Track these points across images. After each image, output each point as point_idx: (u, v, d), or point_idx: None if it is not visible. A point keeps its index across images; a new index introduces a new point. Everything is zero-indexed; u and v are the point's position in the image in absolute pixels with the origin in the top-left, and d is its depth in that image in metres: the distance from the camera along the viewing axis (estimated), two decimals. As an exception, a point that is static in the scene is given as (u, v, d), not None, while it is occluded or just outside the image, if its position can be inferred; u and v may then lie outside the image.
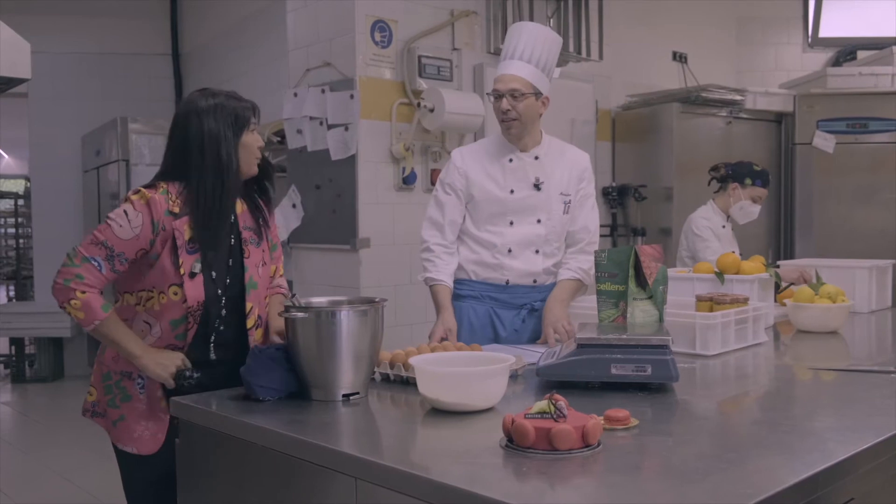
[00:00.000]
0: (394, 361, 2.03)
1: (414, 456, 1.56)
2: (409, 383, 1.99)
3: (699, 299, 2.60)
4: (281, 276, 2.37)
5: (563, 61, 4.94)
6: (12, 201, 8.85)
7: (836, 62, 6.45)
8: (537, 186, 2.74)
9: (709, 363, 2.32)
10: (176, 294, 2.06)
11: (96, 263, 2.02)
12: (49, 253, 7.59)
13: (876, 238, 5.14)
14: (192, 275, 2.07)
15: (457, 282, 2.77)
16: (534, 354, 2.26)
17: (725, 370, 2.30)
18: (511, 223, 2.74)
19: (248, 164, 2.16)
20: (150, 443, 2.10)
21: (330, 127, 4.13)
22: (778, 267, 3.30)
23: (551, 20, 4.86)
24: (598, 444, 1.46)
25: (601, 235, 5.26)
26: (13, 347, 7.57)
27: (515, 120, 2.66)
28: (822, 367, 2.36)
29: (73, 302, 2.02)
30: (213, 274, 2.11)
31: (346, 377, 1.83)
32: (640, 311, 2.25)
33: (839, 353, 2.68)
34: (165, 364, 2.04)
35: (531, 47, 2.66)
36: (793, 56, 6.62)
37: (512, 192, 2.73)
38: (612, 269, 2.29)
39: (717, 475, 1.33)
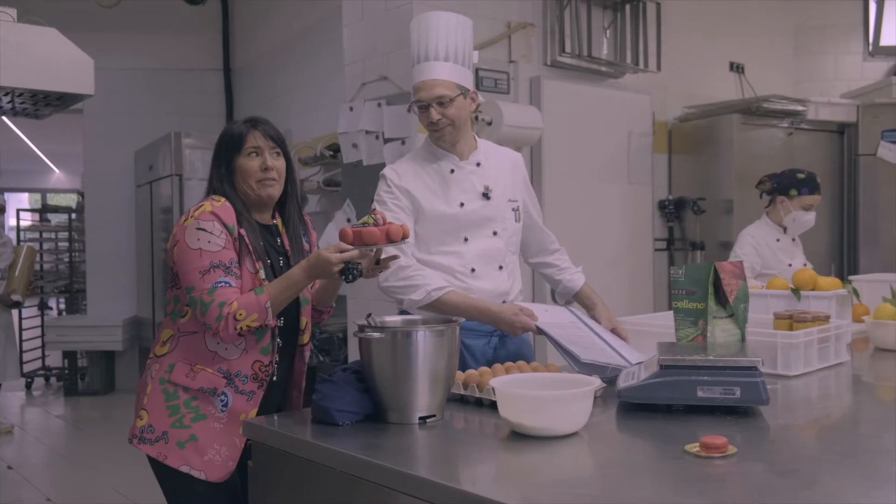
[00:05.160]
0: (467, 382, 1.98)
1: (500, 483, 1.49)
2: (482, 404, 1.93)
3: (777, 317, 2.50)
4: None
5: (619, 72, 4.87)
6: (66, 215, 8.98)
7: (899, 71, 6.27)
8: (486, 196, 2.52)
9: (791, 384, 2.23)
10: None
11: (223, 283, 1.97)
12: (102, 266, 7.70)
13: (944, 252, 4.96)
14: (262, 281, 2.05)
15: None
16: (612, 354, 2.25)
17: (809, 391, 2.21)
18: (466, 240, 2.50)
19: (248, 187, 2.11)
20: (221, 469, 2.03)
21: (386, 141, 4.10)
22: (850, 282, 3.19)
23: (608, 31, 4.79)
24: (405, 240, 1.96)
25: (656, 249, 5.21)
26: (66, 360, 7.67)
27: (449, 126, 2.45)
28: (912, 389, 2.25)
29: (238, 316, 1.94)
30: None
31: (423, 399, 1.77)
32: (720, 330, 2.16)
33: (925, 373, 2.56)
34: (326, 268, 1.94)
35: (444, 42, 2.42)
36: (853, 65, 6.45)
37: (462, 205, 2.50)
38: (691, 287, 2.20)
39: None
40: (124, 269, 7.70)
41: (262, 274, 2.06)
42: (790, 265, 3.86)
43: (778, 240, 3.97)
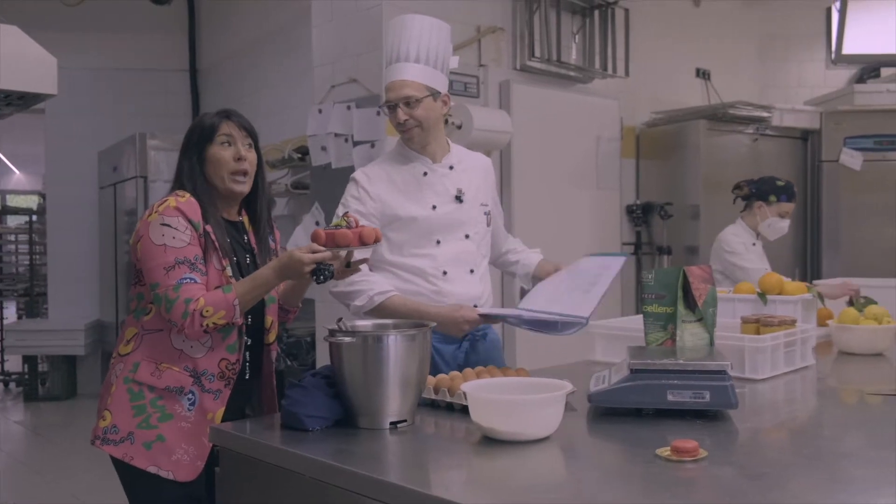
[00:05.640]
0: (438, 386, 1.96)
1: (472, 488, 1.48)
2: (453, 409, 1.92)
3: (745, 321, 2.52)
4: None
5: (588, 78, 4.90)
6: (26, 217, 8.81)
7: (860, 79, 6.39)
8: (459, 199, 2.52)
9: (758, 387, 2.24)
10: None
11: (188, 279, 1.95)
12: (63, 269, 7.56)
13: (904, 256, 5.05)
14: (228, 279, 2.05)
15: None
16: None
17: (775, 395, 2.23)
18: (438, 242, 2.50)
19: (219, 179, 2.08)
20: (189, 469, 2.01)
21: (356, 144, 4.07)
22: (814, 287, 3.22)
23: (577, 36, 4.82)
24: (377, 242, 2.00)
25: (624, 253, 5.25)
26: (26, 365, 7.51)
27: (416, 127, 2.45)
28: (877, 391, 2.28)
29: (205, 313, 1.92)
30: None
31: (394, 404, 1.75)
32: (689, 335, 2.17)
33: (887, 375, 2.58)
34: (298, 268, 1.94)
35: (416, 44, 2.44)
36: (816, 72, 6.56)
37: (434, 207, 2.49)
38: (660, 291, 2.21)
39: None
40: (87, 272, 7.58)
41: (228, 271, 2.04)
42: (765, 270, 3.90)
43: (753, 244, 4.04)
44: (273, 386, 2.25)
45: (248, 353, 2.13)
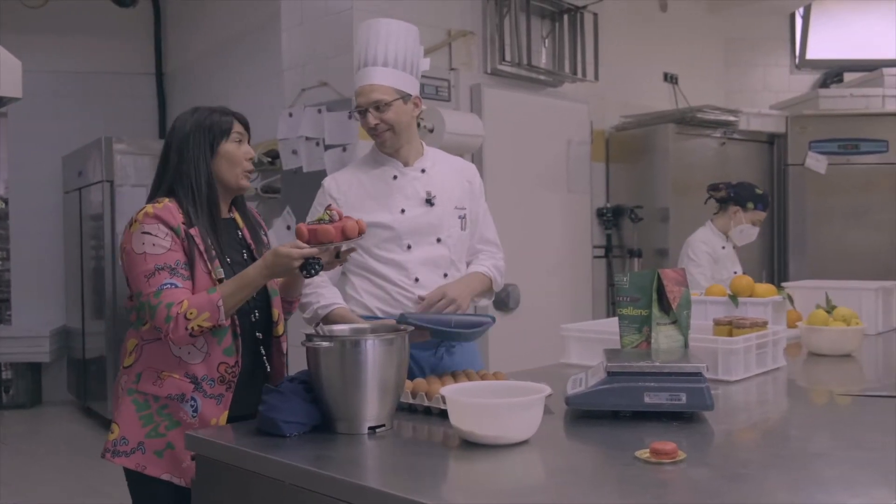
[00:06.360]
0: (415, 390, 1.96)
1: (452, 492, 1.48)
2: (431, 413, 1.92)
3: (717, 323, 2.55)
4: None
5: (558, 81, 4.92)
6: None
7: (824, 84, 6.51)
8: (430, 202, 2.50)
9: (731, 389, 2.26)
10: None
11: (169, 285, 1.94)
12: (27, 275, 7.43)
13: (869, 258, 5.15)
14: (221, 281, 2.02)
15: None
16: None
17: (748, 396, 2.25)
18: (409, 247, 2.48)
19: (233, 175, 2.11)
20: None
21: (327, 147, 4.05)
22: (784, 289, 3.27)
23: (546, 40, 4.84)
24: (361, 235, 1.96)
25: (595, 257, 5.28)
26: (-12, 373, 7.38)
27: (387, 131, 2.45)
28: (846, 392, 2.31)
29: (189, 315, 1.91)
30: None
31: (372, 409, 1.74)
32: (664, 337, 2.19)
33: (855, 376, 2.63)
34: (286, 265, 1.93)
35: (384, 48, 2.44)
36: (780, 77, 6.66)
37: (403, 211, 2.48)
38: (635, 294, 2.23)
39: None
40: (52, 277, 7.46)
41: (218, 273, 2.03)
42: (735, 272, 3.95)
43: (723, 247, 4.08)
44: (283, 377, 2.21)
45: (262, 347, 2.13)
